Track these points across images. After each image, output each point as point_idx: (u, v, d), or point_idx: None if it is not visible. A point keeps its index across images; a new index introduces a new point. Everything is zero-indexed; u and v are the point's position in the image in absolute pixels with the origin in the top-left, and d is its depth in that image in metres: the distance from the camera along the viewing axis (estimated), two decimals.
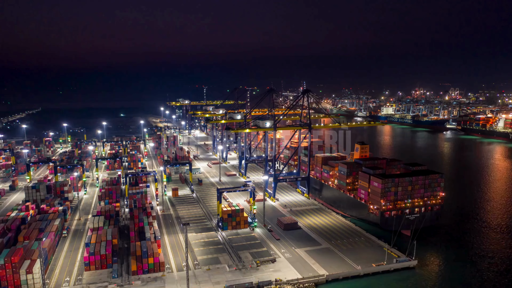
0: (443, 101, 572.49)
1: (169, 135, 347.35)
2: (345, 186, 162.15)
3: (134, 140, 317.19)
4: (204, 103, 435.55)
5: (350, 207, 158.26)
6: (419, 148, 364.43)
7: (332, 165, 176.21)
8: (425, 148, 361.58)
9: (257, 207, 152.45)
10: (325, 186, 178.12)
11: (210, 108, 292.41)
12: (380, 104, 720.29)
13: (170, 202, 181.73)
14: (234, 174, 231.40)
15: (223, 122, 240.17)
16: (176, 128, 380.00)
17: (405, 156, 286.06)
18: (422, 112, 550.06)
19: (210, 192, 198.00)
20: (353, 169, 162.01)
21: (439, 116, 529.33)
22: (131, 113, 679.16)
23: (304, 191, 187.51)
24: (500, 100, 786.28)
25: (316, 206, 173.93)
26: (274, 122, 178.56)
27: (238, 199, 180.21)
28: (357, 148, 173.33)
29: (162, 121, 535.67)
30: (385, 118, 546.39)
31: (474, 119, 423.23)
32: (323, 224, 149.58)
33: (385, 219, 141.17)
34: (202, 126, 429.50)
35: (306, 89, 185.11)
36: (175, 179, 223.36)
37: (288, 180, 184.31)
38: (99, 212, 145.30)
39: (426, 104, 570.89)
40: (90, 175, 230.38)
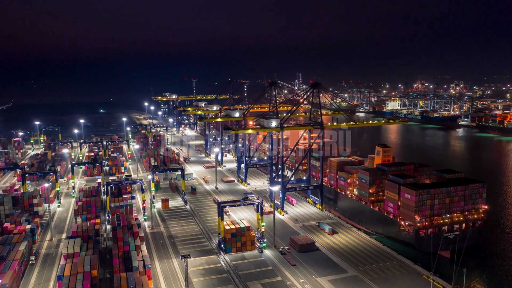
0: (453, 95, 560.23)
1: (155, 134, 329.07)
2: (367, 197, 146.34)
3: (116, 140, 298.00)
4: (193, 98, 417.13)
5: (375, 222, 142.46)
6: (431, 147, 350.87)
7: (349, 172, 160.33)
8: (438, 148, 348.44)
9: (265, 223, 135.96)
10: (341, 195, 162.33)
11: (202, 104, 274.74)
12: (382, 99, 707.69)
13: (160, 216, 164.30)
14: (232, 181, 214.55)
15: (219, 120, 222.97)
16: (163, 126, 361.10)
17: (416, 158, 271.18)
18: (430, 107, 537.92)
19: (206, 203, 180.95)
20: (376, 177, 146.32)
21: (449, 111, 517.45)
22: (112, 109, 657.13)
23: (317, 201, 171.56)
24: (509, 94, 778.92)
25: (332, 220, 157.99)
26: (281, 121, 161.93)
27: (241, 213, 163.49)
28: (378, 151, 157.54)
29: (146, 118, 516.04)
30: (391, 113, 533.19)
31: (490, 115, 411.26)
32: (344, 244, 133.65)
33: (421, 238, 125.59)
34: (192, 124, 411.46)
35: (316, 83, 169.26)
36: (164, 187, 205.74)
37: (298, 189, 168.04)
38: (75, 232, 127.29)
39: (435, 99, 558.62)
40: (65, 183, 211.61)
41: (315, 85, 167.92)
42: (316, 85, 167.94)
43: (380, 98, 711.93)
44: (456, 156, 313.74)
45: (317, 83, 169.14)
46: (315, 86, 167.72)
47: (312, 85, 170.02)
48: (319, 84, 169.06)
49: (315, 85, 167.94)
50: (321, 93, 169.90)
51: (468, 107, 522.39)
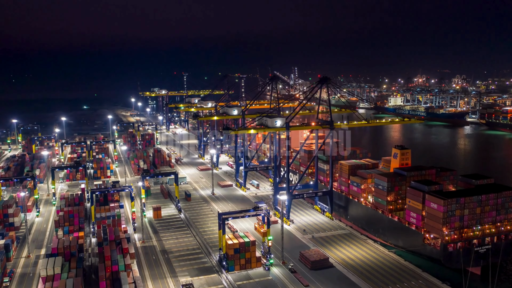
0: (459, 90, 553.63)
1: (143, 133, 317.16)
2: (385, 205, 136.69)
3: (101, 140, 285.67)
4: (184, 93, 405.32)
5: (394, 234, 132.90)
6: (439, 146, 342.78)
7: (363, 176, 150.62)
8: (447, 147, 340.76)
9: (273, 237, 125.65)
10: (353, 203, 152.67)
11: (195, 100, 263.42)
12: (382, 94, 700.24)
13: (152, 226, 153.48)
14: (230, 185, 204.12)
15: (216, 118, 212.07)
16: (152, 124, 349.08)
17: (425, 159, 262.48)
18: (435, 103, 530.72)
19: (202, 210, 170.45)
20: (395, 183, 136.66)
21: (455, 107, 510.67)
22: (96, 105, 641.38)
23: (325, 209, 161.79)
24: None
25: (344, 230, 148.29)
26: (287, 120, 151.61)
27: (242, 222, 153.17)
28: (395, 153, 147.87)
29: (133, 115, 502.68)
30: (393, 110, 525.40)
31: (500, 112, 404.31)
32: (361, 259, 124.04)
33: (449, 253, 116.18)
34: (183, 121, 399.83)
35: (325, 77, 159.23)
36: (155, 192, 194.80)
37: (305, 195, 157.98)
38: (55, 249, 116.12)
39: (441, 94, 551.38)
40: (44, 188, 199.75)
41: (323, 80, 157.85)
42: (325, 80, 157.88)
43: (381, 93, 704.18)
44: (467, 156, 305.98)
45: (326, 77, 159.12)
46: (324, 81, 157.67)
47: (320, 80, 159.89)
48: (328, 79, 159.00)
49: (324, 80, 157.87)
50: (329, 88, 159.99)
51: (474, 103, 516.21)
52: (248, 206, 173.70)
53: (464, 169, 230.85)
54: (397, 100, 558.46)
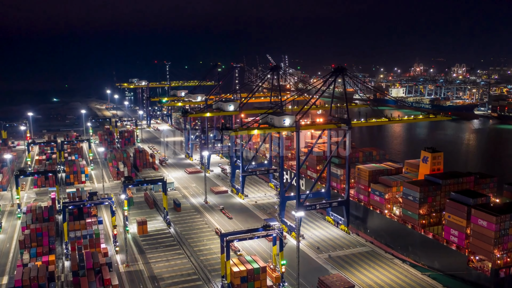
0: (467, 81, 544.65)
1: (122, 130, 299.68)
2: (416, 219, 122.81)
3: (74, 138, 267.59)
4: (167, 85, 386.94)
5: (428, 254, 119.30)
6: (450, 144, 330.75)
7: (387, 184, 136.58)
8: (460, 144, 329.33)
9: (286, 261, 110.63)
10: (374, 215, 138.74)
11: (182, 93, 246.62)
12: (379, 84, 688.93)
13: (137, 245, 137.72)
14: (224, 191, 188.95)
15: (209, 115, 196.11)
16: (131, 120, 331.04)
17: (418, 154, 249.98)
18: (441, 94, 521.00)
19: (195, 224, 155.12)
20: (428, 193, 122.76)
21: (462, 99, 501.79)
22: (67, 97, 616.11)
23: (340, 221, 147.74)
24: None
25: (364, 247, 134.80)
26: (296, 119, 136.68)
27: None
28: (425, 157, 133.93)
29: (109, 108, 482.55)
30: (394, 102, 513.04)
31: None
32: (390, 284, 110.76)
33: (501, 280, 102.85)
34: (166, 116, 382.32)
35: (340, 67, 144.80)
36: (138, 201, 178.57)
37: (319, 206, 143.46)
38: (19, 281, 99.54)
39: (446, 84, 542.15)
40: (8, 196, 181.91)
41: (339, 70, 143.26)
42: (340, 71, 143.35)
43: (378, 84, 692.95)
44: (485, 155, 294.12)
45: (341, 67, 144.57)
46: (340, 71, 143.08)
47: (335, 70, 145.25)
48: (344, 69, 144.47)
49: (339, 70, 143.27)
50: (346, 80, 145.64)
51: (480, 94, 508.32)
52: (249, 218, 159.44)
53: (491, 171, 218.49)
54: (398, 92, 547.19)
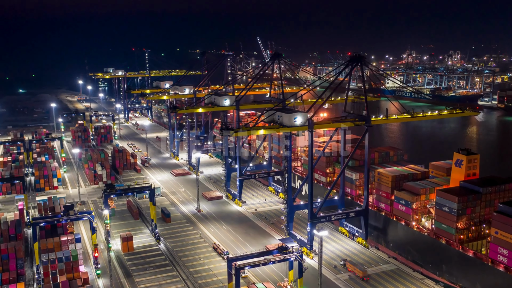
0: (470, 69, 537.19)
1: (98, 125, 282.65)
2: (453, 234, 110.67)
3: (44, 136, 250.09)
4: (147, 74, 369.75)
5: (468, 274, 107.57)
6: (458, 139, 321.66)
7: (414, 192, 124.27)
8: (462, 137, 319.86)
9: None
10: (399, 227, 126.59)
11: (166, 85, 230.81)
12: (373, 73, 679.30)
13: (122, 265, 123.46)
14: (219, 197, 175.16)
15: (202, 111, 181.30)
16: (108, 114, 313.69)
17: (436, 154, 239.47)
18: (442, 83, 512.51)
19: (188, 237, 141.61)
20: (467, 203, 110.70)
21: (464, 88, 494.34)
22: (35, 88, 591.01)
23: (357, 233, 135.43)
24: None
25: (388, 264, 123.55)
26: (309, 116, 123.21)
27: None
28: (459, 160, 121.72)
29: (81, 100, 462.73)
30: (392, 92, 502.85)
31: None
32: None
33: None
34: (145, 109, 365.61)
35: (359, 55, 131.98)
36: (120, 210, 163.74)
37: (334, 218, 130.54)
38: None
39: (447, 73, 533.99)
40: None
41: (357, 59, 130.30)
42: (357, 60, 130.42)
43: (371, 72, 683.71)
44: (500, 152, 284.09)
45: (360, 55, 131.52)
46: (358, 60, 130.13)
47: (351, 59, 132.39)
48: (362, 58, 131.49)
49: (358, 58, 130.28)
50: (365, 69, 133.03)
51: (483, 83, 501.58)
52: (250, 229, 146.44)
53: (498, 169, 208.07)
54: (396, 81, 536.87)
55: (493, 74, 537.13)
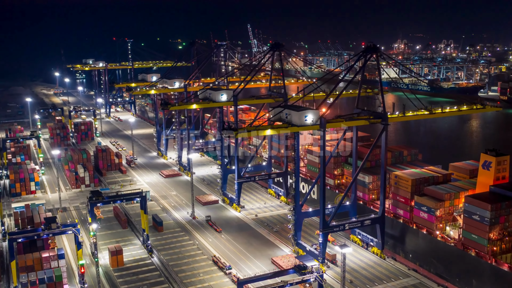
0: (467, 59, 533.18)
1: (77, 121, 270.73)
2: (485, 245, 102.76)
3: (20, 134, 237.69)
4: (129, 66, 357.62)
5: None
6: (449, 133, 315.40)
7: (438, 197, 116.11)
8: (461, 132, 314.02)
9: None
10: (419, 235, 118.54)
11: (153, 78, 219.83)
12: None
13: (112, 285, 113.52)
14: (215, 201, 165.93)
15: (197, 107, 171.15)
16: (88, 109, 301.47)
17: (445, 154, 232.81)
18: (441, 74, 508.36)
19: (184, 248, 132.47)
20: (501, 211, 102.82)
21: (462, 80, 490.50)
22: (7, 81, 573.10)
23: (372, 242, 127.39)
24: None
25: (409, 278, 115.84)
26: (322, 114, 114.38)
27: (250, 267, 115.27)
28: (487, 162, 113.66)
29: (58, 93, 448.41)
30: (388, 84, 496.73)
31: None
32: None
33: None
34: (127, 103, 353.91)
35: (373, 46, 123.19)
36: (106, 218, 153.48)
37: (348, 226, 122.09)
38: None
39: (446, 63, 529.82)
40: None
41: (372, 49, 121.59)
42: (374, 49, 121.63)
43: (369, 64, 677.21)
44: None
45: (375, 46, 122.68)
46: (373, 50, 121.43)
47: (365, 49, 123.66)
48: (377, 49, 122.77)
49: (373, 49, 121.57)
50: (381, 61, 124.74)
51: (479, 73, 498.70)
52: (252, 238, 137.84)
53: None
54: (390, 72, 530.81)
55: (489, 64, 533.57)
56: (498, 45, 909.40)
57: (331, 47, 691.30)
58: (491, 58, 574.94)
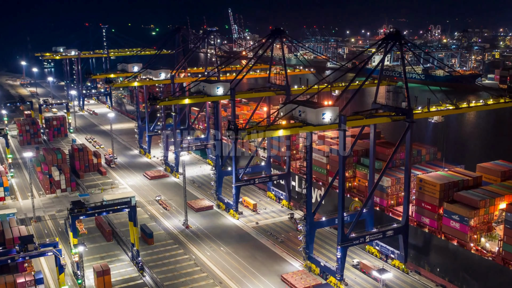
0: (461, 46, 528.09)
1: (49, 116, 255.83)
2: None
3: None
4: (104, 54, 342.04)
5: None
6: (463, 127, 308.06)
7: (472, 204, 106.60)
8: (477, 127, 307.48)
9: None
10: (449, 247, 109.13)
11: (134, 68, 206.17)
12: (351, 49, 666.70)
13: None
14: (209, 207, 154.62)
15: (189, 102, 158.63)
16: (60, 102, 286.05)
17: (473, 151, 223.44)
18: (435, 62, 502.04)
19: (179, 264, 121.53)
20: None
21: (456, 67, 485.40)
22: None
23: (392, 254, 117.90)
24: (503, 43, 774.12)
25: None
26: (341, 110, 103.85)
27: None
28: None
29: (25, 84, 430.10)
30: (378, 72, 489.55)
31: None
32: None
33: None
34: (102, 94, 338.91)
35: (396, 32, 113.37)
36: (87, 228, 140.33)
37: (369, 238, 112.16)
38: None
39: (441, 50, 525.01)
40: None
41: (395, 37, 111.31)
42: (398, 37, 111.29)
43: (351, 48, 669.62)
44: None
45: (398, 32, 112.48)
46: (396, 38, 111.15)
47: (387, 37, 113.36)
48: (400, 36, 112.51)
49: (396, 36, 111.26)
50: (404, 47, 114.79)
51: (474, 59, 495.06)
52: (256, 251, 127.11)
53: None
54: None
55: (483, 50, 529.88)
56: (487, 30, 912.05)
57: (317, 33, 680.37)
58: (485, 45, 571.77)
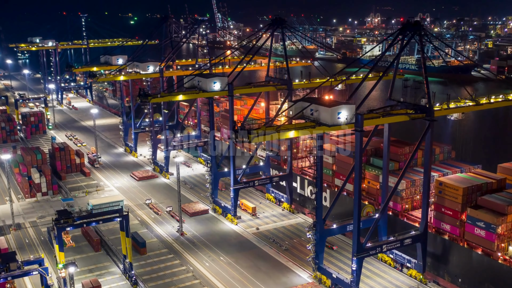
0: (456, 34, 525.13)
1: (26, 113, 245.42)
2: None
3: None
4: (84, 45, 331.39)
5: None
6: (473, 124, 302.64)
7: (499, 210, 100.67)
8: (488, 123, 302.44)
9: None
10: (473, 256, 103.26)
11: (119, 61, 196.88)
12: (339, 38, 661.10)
13: None
14: (204, 211, 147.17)
15: (183, 98, 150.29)
16: (38, 97, 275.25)
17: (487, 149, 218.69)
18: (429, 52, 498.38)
19: (176, 277, 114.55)
20: None
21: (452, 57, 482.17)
22: None
23: (409, 263, 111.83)
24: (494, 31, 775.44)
25: None
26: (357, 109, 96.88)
27: None
28: None
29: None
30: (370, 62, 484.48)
31: None
32: None
33: None
34: (82, 88, 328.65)
35: (416, 21, 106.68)
36: (73, 237, 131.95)
37: (386, 248, 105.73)
38: None
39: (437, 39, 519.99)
40: None
41: (414, 27, 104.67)
42: (417, 27, 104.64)
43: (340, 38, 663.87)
44: None
45: (417, 22, 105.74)
46: (416, 28, 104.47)
47: (404, 26, 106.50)
48: (420, 26, 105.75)
49: (415, 26, 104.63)
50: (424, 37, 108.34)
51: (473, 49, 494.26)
52: (259, 260, 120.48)
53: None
54: (374, 50, 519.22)
55: (478, 40, 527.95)
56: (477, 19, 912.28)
57: (305, 21, 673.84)
58: (480, 34, 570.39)
